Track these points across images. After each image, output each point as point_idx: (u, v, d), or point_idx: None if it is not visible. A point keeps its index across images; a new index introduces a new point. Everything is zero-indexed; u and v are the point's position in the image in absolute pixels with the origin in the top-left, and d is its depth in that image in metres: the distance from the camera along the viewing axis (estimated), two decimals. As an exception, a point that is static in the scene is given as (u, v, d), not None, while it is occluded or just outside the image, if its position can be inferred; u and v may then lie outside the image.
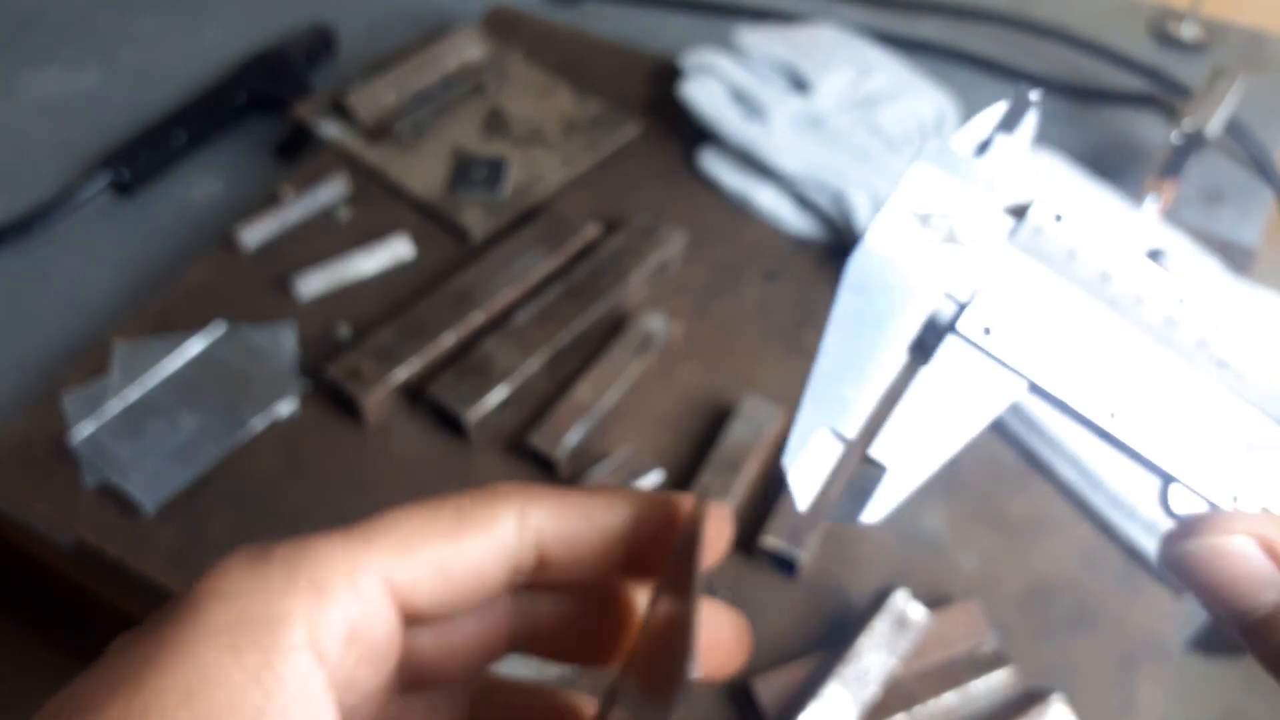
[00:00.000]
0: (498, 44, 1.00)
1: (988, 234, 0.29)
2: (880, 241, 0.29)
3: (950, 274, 0.29)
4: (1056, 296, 0.29)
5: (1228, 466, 0.28)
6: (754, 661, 0.63)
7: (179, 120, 0.94)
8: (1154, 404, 0.29)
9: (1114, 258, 0.29)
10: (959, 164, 0.29)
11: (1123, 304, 0.29)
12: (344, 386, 0.73)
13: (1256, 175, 0.93)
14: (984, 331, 0.28)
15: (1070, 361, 0.28)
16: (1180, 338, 0.29)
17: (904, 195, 0.29)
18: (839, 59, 0.94)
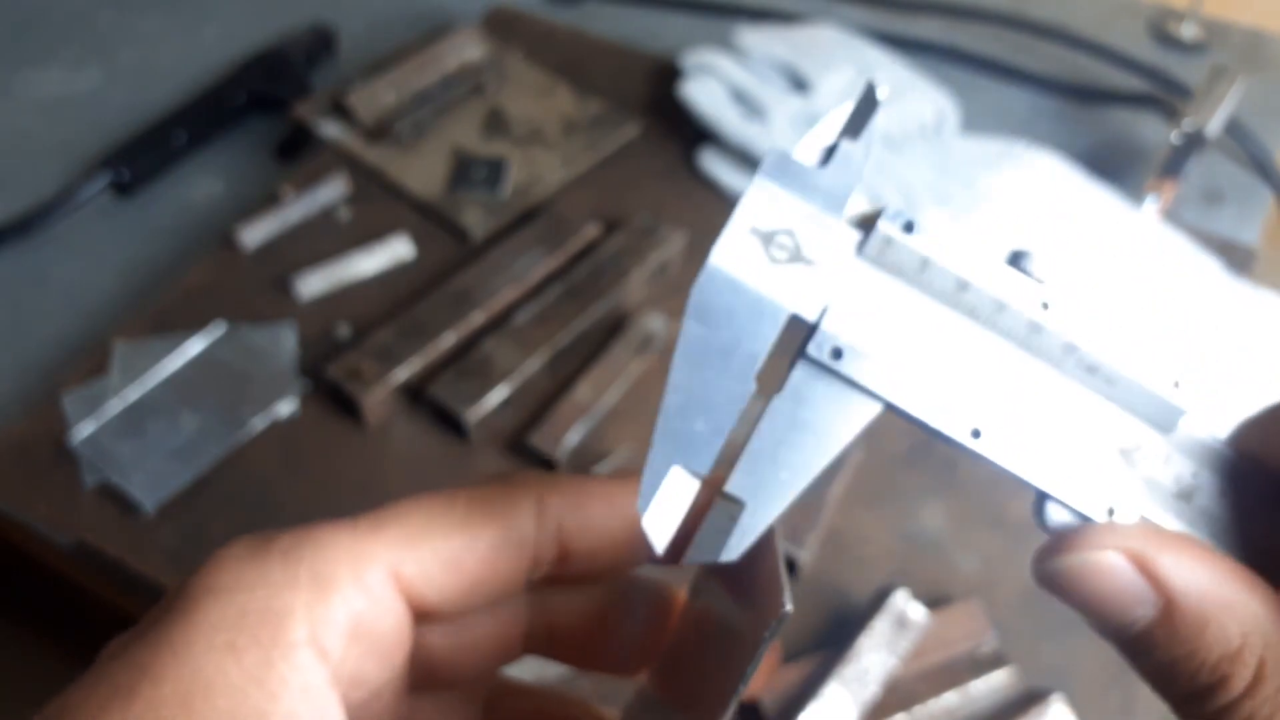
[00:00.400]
0: (498, 44, 1.00)
1: (834, 249, 0.27)
2: (724, 262, 0.27)
3: (798, 294, 0.27)
4: (911, 310, 0.27)
5: (1102, 476, 0.27)
6: (754, 661, 0.63)
7: (179, 120, 0.94)
8: (1022, 416, 0.27)
9: (971, 265, 0.27)
10: (803, 176, 0.28)
11: (982, 313, 0.27)
12: (344, 386, 0.73)
13: (1256, 175, 0.93)
14: (834, 354, 0.27)
15: (930, 378, 0.27)
16: (1046, 344, 0.27)
17: (745, 213, 0.27)
18: (839, 59, 0.94)
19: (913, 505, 0.71)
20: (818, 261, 0.27)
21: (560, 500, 0.30)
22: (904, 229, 0.27)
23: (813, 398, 0.27)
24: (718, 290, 0.27)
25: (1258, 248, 0.88)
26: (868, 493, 0.71)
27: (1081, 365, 0.27)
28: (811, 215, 0.27)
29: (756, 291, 0.27)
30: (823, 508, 0.69)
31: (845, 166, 0.28)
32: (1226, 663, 0.24)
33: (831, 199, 0.28)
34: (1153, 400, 0.27)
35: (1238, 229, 0.89)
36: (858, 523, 0.70)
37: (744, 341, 0.27)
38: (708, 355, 0.27)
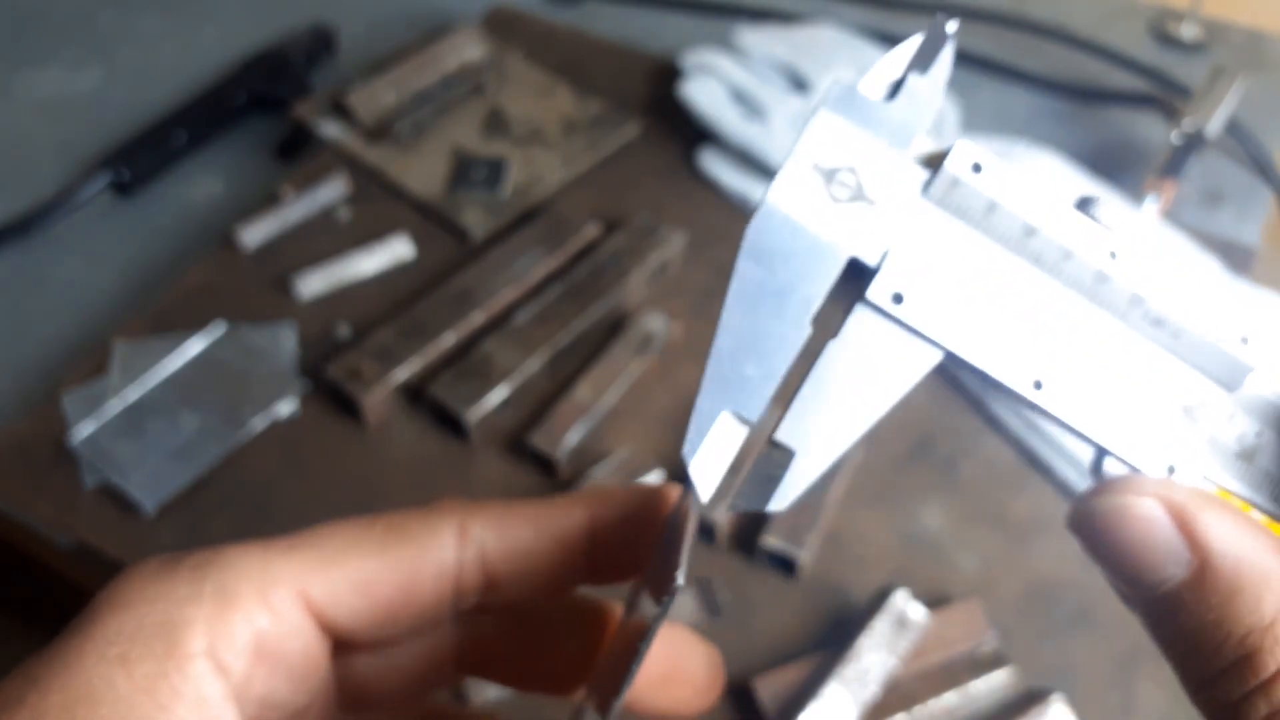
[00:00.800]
0: (498, 44, 1.00)
1: (899, 189, 0.26)
2: (782, 201, 0.26)
3: (859, 235, 0.26)
4: (975, 255, 0.26)
5: (1164, 434, 0.27)
6: (754, 661, 0.63)
7: (179, 120, 0.94)
8: (1085, 369, 0.27)
9: (1039, 209, 0.26)
10: (868, 110, 0.26)
11: (1049, 260, 0.26)
12: (344, 386, 0.73)
13: (1256, 175, 0.93)
14: (895, 299, 0.26)
15: (992, 327, 0.26)
16: (1112, 295, 0.26)
17: (807, 148, 0.26)
18: (839, 59, 0.94)
19: (913, 505, 0.71)
20: (881, 201, 0.26)
21: (483, 526, 0.29)
22: (973, 170, 0.26)
23: (871, 343, 0.26)
24: (775, 230, 0.26)
25: (1258, 248, 0.88)
26: (868, 493, 0.71)
27: (1148, 318, 0.27)
28: (877, 151, 0.26)
29: (815, 233, 0.26)
30: (823, 508, 0.69)
31: (913, 102, 0.27)
32: (1256, 636, 0.23)
33: (898, 135, 0.26)
34: (1219, 356, 0.27)
35: (1238, 229, 0.89)
36: (858, 523, 0.70)
37: (800, 284, 0.26)
38: (762, 297, 0.26)
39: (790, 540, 0.66)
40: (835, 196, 0.26)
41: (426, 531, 0.29)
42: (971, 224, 0.26)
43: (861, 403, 0.26)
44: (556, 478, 0.72)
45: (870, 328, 0.26)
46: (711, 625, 0.65)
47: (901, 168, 0.26)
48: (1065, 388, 0.26)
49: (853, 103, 0.26)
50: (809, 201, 0.26)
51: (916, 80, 0.27)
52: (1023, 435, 0.74)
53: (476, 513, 0.29)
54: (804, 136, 0.26)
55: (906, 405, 0.28)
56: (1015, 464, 0.74)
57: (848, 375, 0.26)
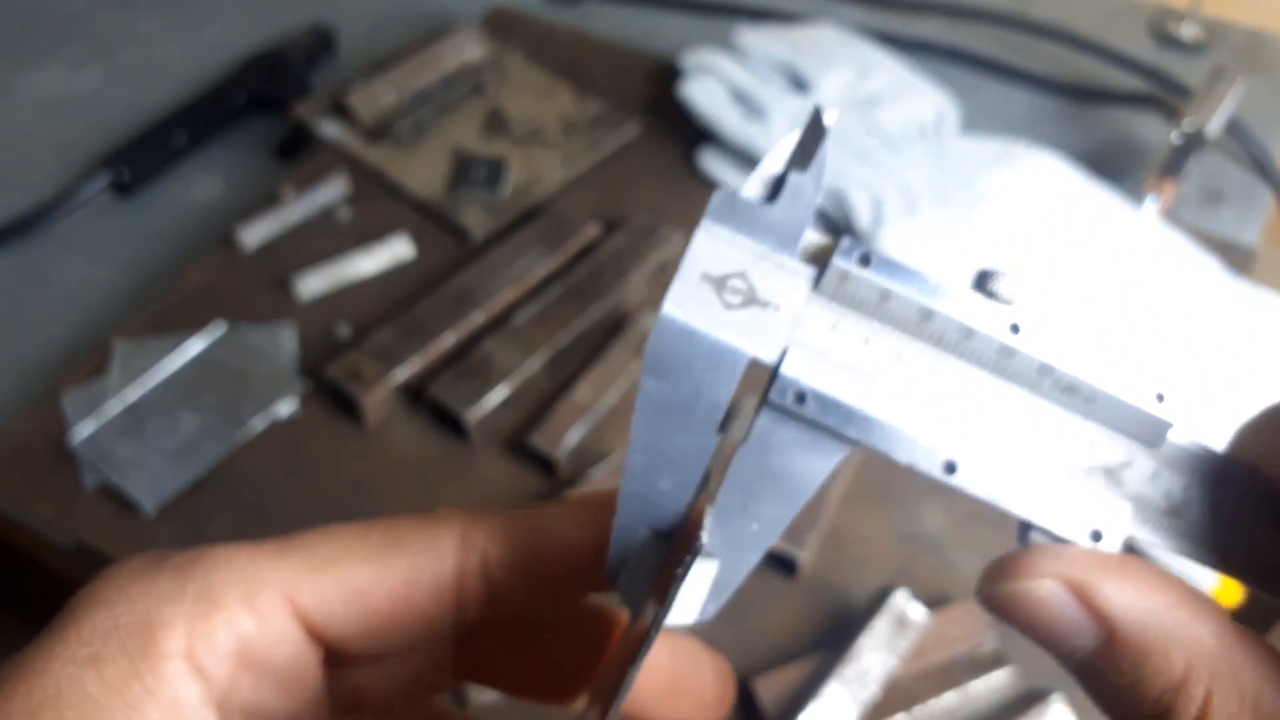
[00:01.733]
0: (498, 44, 1.00)
1: (790, 289, 0.26)
2: (677, 313, 0.26)
3: (756, 338, 0.26)
4: (875, 344, 0.26)
5: (1087, 498, 0.27)
6: (754, 661, 0.63)
7: (179, 120, 0.94)
8: (999, 444, 0.27)
9: (934, 292, 0.26)
10: (751, 215, 0.27)
11: (950, 340, 0.26)
12: (344, 386, 0.73)
13: (1256, 175, 0.93)
14: (797, 399, 0.26)
15: (899, 413, 0.26)
16: (1019, 367, 0.26)
17: (694, 260, 0.26)
18: (839, 59, 0.94)
19: (913, 505, 0.71)
20: (775, 303, 0.26)
21: (485, 535, 0.28)
22: (860, 262, 0.26)
23: (779, 445, 0.27)
24: (673, 341, 0.26)
25: (1258, 248, 0.88)
26: (868, 493, 0.71)
27: (1058, 386, 0.26)
28: (764, 255, 0.27)
29: (713, 339, 0.26)
30: (823, 508, 0.69)
31: (795, 200, 0.27)
32: (1171, 694, 0.23)
33: (784, 236, 0.27)
34: (1136, 416, 0.26)
35: (1238, 229, 0.89)
36: (858, 523, 0.70)
37: (704, 392, 0.26)
38: (668, 411, 0.26)
39: (790, 540, 0.66)
40: (729, 303, 0.26)
41: (426, 539, 0.28)
42: (867, 314, 0.27)
43: (778, 504, 0.27)
44: (556, 478, 0.72)
45: (777, 429, 0.26)
46: (711, 625, 0.65)
47: (791, 268, 0.27)
48: (980, 466, 0.26)
49: (734, 210, 0.27)
50: (703, 311, 0.26)
51: (798, 178, 0.26)
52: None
53: (479, 521, 0.29)
54: (690, 250, 0.26)
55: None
56: (1015, 464, 0.74)
57: (761, 478, 0.27)
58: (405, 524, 0.28)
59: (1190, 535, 0.27)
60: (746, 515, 0.27)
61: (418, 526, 0.28)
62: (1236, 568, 0.26)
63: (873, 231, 0.82)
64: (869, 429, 0.26)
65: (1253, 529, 0.27)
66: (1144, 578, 0.24)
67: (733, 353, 0.26)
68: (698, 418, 0.26)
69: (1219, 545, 0.27)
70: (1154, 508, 0.27)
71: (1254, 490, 0.27)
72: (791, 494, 0.27)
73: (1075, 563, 0.25)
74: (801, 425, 0.26)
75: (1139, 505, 0.27)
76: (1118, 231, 0.85)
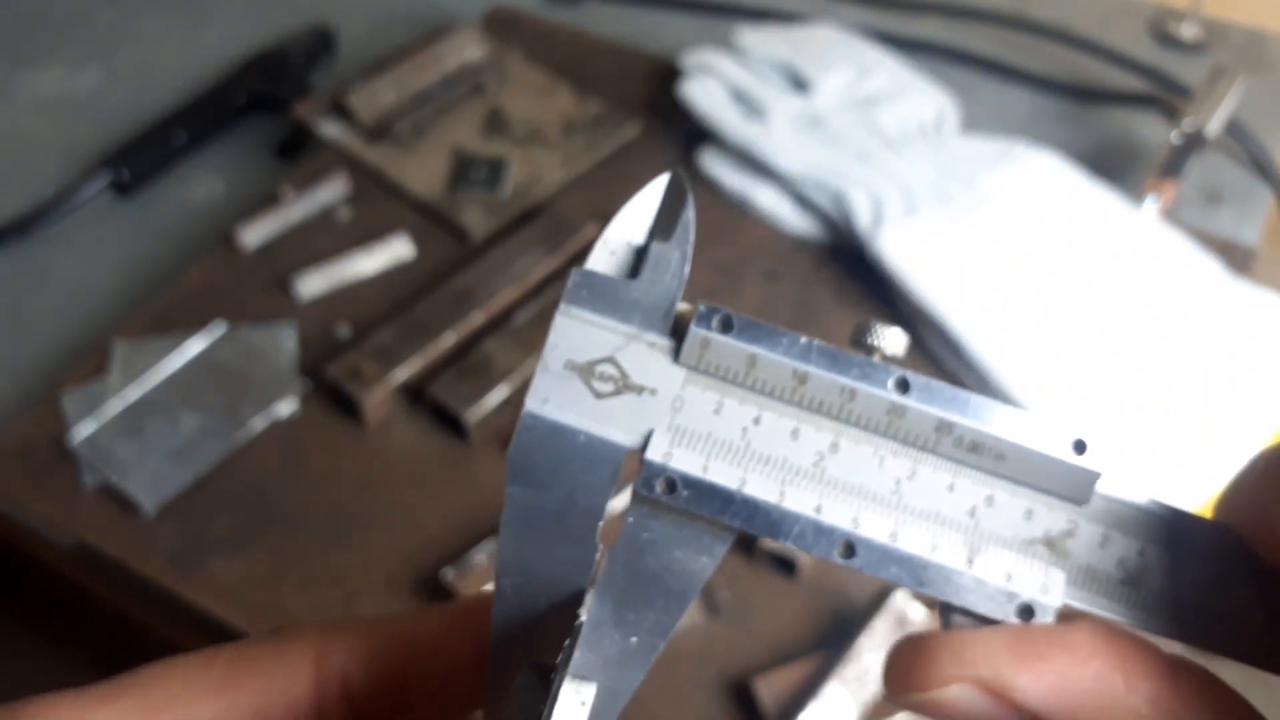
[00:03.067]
0: (498, 44, 1.00)
1: (665, 369, 0.24)
2: (542, 408, 0.24)
3: (630, 426, 0.24)
4: (750, 416, 0.24)
5: (1014, 572, 0.24)
6: (754, 661, 0.63)
7: (179, 120, 0.94)
8: (902, 518, 0.24)
9: (806, 353, 0.24)
10: (612, 294, 0.24)
11: (831, 405, 0.24)
12: (344, 386, 0.73)
13: (1256, 175, 0.93)
14: (668, 489, 0.23)
15: (783, 494, 0.24)
16: (913, 427, 0.24)
17: (555, 349, 0.24)
18: (839, 59, 0.94)
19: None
20: (649, 386, 0.24)
21: (344, 652, 0.25)
22: (720, 328, 0.24)
23: (653, 543, 0.24)
24: (541, 441, 0.24)
25: (1258, 248, 0.88)
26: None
27: (961, 445, 0.24)
28: (632, 335, 0.24)
29: (586, 432, 0.24)
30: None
31: (661, 272, 0.24)
32: None
33: (651, 313, 0.24)
34: (1055, 469, 0.24)
35: (1238, 229, 0.89)
36: (858, 523, 0.70)
37: (580, 496, 0.24)
38: (541, 522, 0.24)
39: (790, 540, 0.66)
40: (599, 392, 0.24)
41: (276, 664, 0.25)
42: (736, 383, 0.24)
43: (659, 609, 0.24)
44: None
45: (649, 524, 0.24)
46: (711, 625, 0.65)
47: (663, 346, 0.24)
48: (882, 546, 0.23)
49: (595, 289, 0.24)
50: (572, 403, 0.24)
51: (660, 248, 0.24)
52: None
53: (337, 637, 0.25)
54: (550, 338, 0.24)
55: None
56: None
57: (636, 583, 0.24)
58: (253, 649, 0.25)
59: (1150, 605, 0.24)
60: (624, 627, 0.24)
61: (267, 650, 0.25)
62: (1199, 635, 0.24)
63: (873, 231, 0.82)
64: (752, 514, 0.23)
65: (1219, 592, 0.24)
66: (1067, 655, 0.22)
67: (607, 445, 0.24)
68: (575, 526, 0.24)
69: (1181, 613, 0.24)
70: (1109, 578, 0.24)
71: (1221, 549, 0.24)
72: (674, 596, 0.24)
73: (984, 657, 0.22)
74: (676, 517, 0.24)
75: (1090, 576, 0.24)
76: (1118, 231, 0.85)
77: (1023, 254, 0.82)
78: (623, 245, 0.25)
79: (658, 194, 0.25)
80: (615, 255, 0.25)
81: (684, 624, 0.64)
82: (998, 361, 0.75)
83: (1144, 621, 0.24)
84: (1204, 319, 0.80)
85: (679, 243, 0.25)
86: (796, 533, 0.23)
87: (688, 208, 0.25)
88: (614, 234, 0.25)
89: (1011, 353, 0.76)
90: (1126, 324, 0.79)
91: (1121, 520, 0.24)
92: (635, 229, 0.25)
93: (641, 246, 0.25)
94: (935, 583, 0.23)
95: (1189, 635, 0.24)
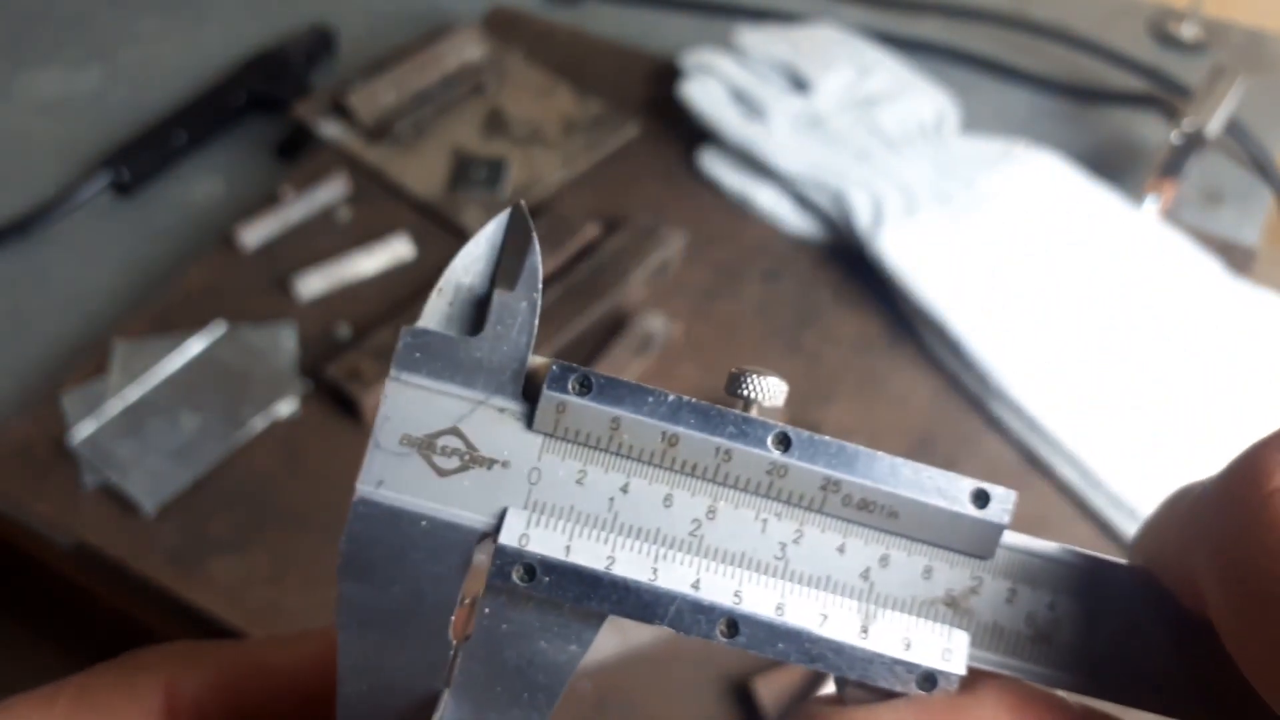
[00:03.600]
0: (498, 44, 1.00)
1: (511, 437, 0.22)
2: (376, 493, 0.21)
3: (481, 504, 0.21)
4: (618, 484, 0.22)
5: (913, 637, 0.22)
6: (754, 661, 0.63)
7: (179, 120, 0.94)
8: (791, 587, 0.22)
9: (674, 412, 0.22)
10: (450, 355, 0.21)
11: (705, 466, 0.22)
12: (344, 386, 0.73)
13: (1256, 175, 0.93)
14: (525, 575, 0.21)
15: (656, 571, 0.21)
16: (797, 485, 0.22)
17: (390, 421, 0.21)
18: (839, 59, 0.94)
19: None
20: (501, 459, 0.21)
21: (199, 680, 0.23)
22: (578, 389, 0.21)
23: (515, 635, 0.21)
24: (376, 531, 0.21)
25: (1258, 248, 0.88)
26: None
27: (850, 503, 0.22)
28: (477, 401, 0.21)
29: (428, 516, 0.21)
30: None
31: (506, 326, 0.21)
32: None
33: (498, 373, 0.21)
34: (954, 524, 0.22)
35: (1238, 229, 0.89)
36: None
37: (426, 589, 0.21)
38: (382, 622, 0.21)
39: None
40: (442, 468, 0.21)
41: (124, 697, 0.23)
42: (600, 449, 0.22)
43: (524, 707, 0.22)
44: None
45: (507, 614, 0.21)
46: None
47: (514, 411, 0.22)
48: (767, 621, 0.21)
49: (430, 352, 0.21)
50: (411, 483, 0.21)
51: (504, 297, 0.21)
52: (1023, 435, 0.74)
53: (191, 664, 0.24)
54: (381, 410, 0.21)
55: (906, 405, 0.27)
56: (1015, 464, 0.74)
57: (496, 679, 0.21)
58: (101, 680, 0.23)
59: (1062, 661, 0.22)
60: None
61: (115, 682, 0.23)
62: (1114, 689, 0.23)
63: (873, 231, 0.82)
64: (621, 597, 0.21)
65: (1133, 642, 0.22)
66: None
67: (455, 529, 0.21)
68: (423, 624, 0.21)
69: (1095, 666, 0.22)
70: (1016, 636, 0.22)
71: (1135, 596, 0.22)
72: (541, 690, 0.22)
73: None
74: (538, 605, 0.21)
75: (998, 636, 0.22)
76: (1118, 231, 0.85)
77: (1023, 254, 0.82)
78: (461, 296, 0.22)
79: (498, 234, 0.22)
80: (454, 308, 0.22)
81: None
82: (998, 361, 0.75)
83: (1055, 679, 0.22)
84: (1204, 319, 0.80)
85: (526, 289, 0.22)
86: (673, 614, 0.21)
87: (533, 249, 0.22)
88: (450, 282, 0.22)
89: (1011, 353, 0.76)
90: (1126, 324, 0.79)
91: (1029, 573, 0.22)
92: (475, 276, 0.22)
93: (482, 296, 0.22)
94: (827, 657, 0.21)
95: (1103, 690, 0.22)
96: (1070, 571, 0.22)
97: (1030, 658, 0.22)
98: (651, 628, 0.21)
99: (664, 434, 0.21)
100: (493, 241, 0.22)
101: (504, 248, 0.22)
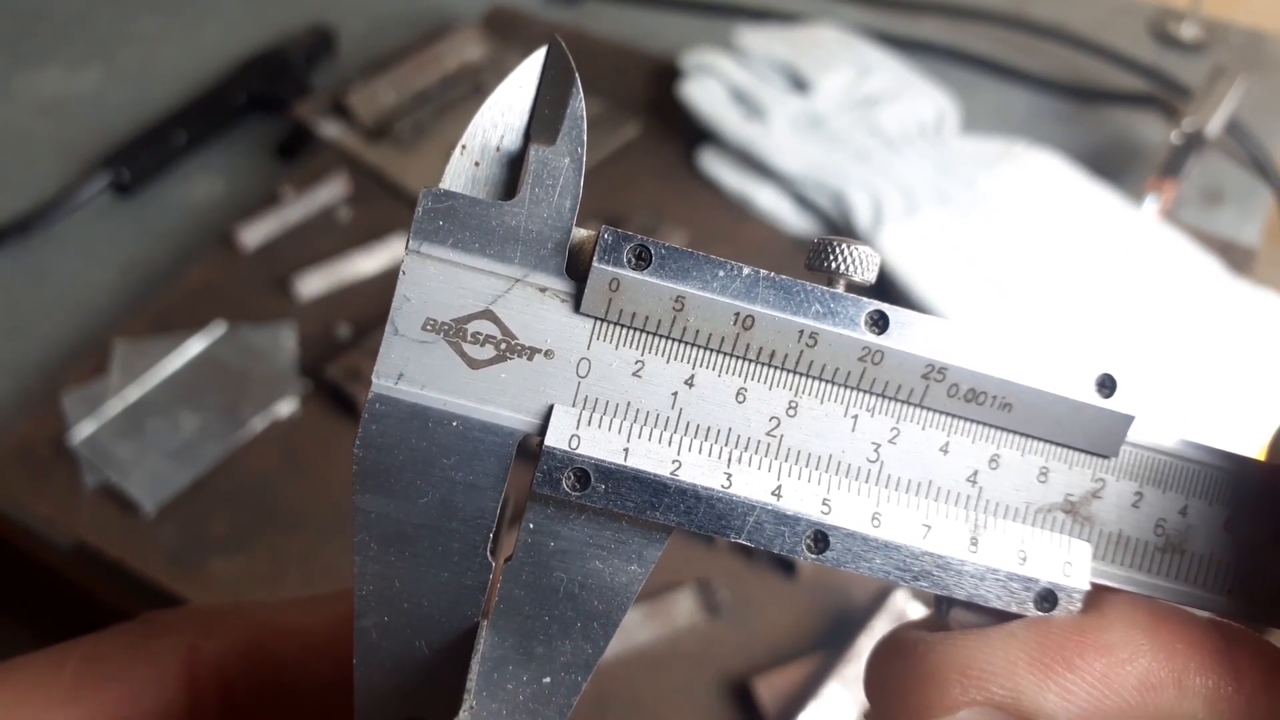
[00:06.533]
0: (497, 44, 1.00)
1: (564, 321, 0.18)
2: (396, 389, 0.18)
3: (520, 402, 0.18)
4: (679, 376, 0.19)
5: (1035, 550, 0.19)
6: (754, 661, 0.63)
7: (179, 120, 0.94)
8: (887, 494, 0.19)
9: (749, 287, 0.18)
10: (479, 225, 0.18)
11: (786, 353, 0.18)
12: (344, 386, 0.73)
13: (1256, 175, 0.93)
14: (577, 483, 0.18)
15: (729, 477, 0.18)
16: (894, 374, 0.19)
17: (409, 302, 0.18)
18: (839, 59, 0.94)
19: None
20: (544, 346, 0.18)
21: (223, 644, 0.21)
22: (635, 262, 0.18)
23: (565, 553, 0.18)
24: (397, 433, 0.18)
25: (1258, 248, 0.88)
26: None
27: (956, 394, 0.18)
28: (514, 278, 0.18)
29: (460, 415, 0.18)
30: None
31: (546, 189, 0.18)
32: None
33: (538, 244, 0.18)
34: (1075, 416, 0.18)
35: (1238, 229, 0.89)
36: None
37: (459, 501, 0.18)
38: (408, 540, 0.18)
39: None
40: (475, 359, 0.18)
41: (139, 664, 0.21)
42: (661, 334, 0.18)
43: (577, 636, 0.18)
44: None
45: (556, 529, 0.18)
46: (711, 625, 0.65)
47: (557, 290, 0.18)
48: (861, 534, 0.18)
49: (455, 219, 0.18)
50: (438, 377, 0.18)
51: (542, 154, 0.18)
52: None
53: (214, 628, 0.21)
54: (399, 289, 0.18)
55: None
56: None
57: (545, 605, 0.18)
58: (113, 643, 0.21)
59: (1199, 573, 0.19)
60: (534, 665, 0.18)
61: (131, 645, 0.21)
62: (1258, 608, 0.20)
63: (873, 231, 0.82)
64: (691, 507, 0.18)
65: (1277, 552, 0.19)
66: (1102, 660, 0.18)
67: (492, 430, 0.18)
68: (456, 542, 0.18)
69: (1234, 582, 0.19)
70: (1144, 546, 0.19)
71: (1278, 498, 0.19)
72: (597, 619, 0.18)
73: (999, 673, 0.18)
74: (592, 518, 0.18)
75: (1123, 547, 0.19)
76: (1118, 231, 0.85)
77: (1023, 253, 0.82)
78: (491, 154, 0.18)
79: (532, 77, 0.18)
80: (481, 168, 0.18)
81: (683, 624, 0.64)
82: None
83: (1189, 596, 0.19)
84: (1204, 319, 0.80)
85: (569, 143, 0.18)
86: (751, 527, 0.18)
87: (576, 94, 0.17)
88: (475, 138, 0.18)
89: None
90: (1126, 324, 0.79)
91: (1158, 473, 0.19)
92: (507, 130, 0.18)
93: (516, 154, 0.18)
94: (931, 574, 0.18)
95: (1244, 609, 0.20)
96: (1205, 471, 0.19)
97: (1160, 571, 0.19)
98: (651, 628, 0.19)
99: (737, 315, 0.18)
100: (527, 88, 0.18)
101: (540, 95, 0.18)
